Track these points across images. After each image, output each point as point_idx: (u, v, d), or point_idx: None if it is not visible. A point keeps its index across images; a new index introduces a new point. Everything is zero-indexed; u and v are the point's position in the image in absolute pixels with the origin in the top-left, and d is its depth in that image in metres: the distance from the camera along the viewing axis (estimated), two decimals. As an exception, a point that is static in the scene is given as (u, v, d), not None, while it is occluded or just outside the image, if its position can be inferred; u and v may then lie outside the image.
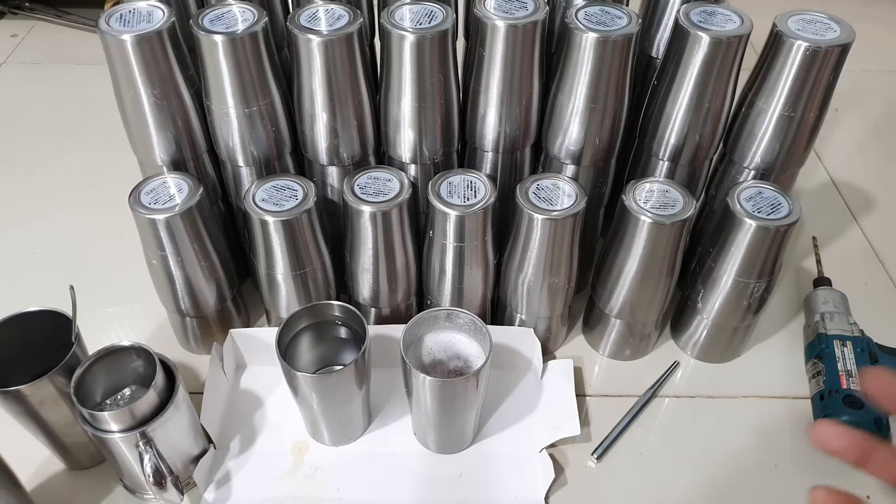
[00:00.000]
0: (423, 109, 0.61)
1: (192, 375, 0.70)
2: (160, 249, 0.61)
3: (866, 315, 0.72)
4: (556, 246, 0.61)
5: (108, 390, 0.59)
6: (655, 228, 0.60)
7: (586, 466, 0.63)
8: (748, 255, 0.61)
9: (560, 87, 0.62)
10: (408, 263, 0.66)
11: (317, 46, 0.57)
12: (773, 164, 0.65)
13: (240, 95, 0.60)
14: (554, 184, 0.62)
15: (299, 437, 0.65)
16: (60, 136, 1.01)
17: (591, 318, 0.73)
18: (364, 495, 0.61)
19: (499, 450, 0.64)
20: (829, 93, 0.61)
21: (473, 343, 0.61)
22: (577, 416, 0.63)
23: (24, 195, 0.92)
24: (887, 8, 1.32)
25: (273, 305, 0.68)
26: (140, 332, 0.75)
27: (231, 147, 0.64)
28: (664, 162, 0.68)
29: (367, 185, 0.62)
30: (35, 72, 1.15)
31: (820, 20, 0.61)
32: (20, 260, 0.83)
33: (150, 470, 0.53)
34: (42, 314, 0.58)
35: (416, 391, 0.58)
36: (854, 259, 0.84)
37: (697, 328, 0.71)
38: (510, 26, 0.58)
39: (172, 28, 0.59)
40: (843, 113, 1.08)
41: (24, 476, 0.56)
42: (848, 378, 0.64)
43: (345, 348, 0.66)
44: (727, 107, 0.64)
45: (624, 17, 0.60)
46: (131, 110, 0.61)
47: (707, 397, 0.70)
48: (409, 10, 0.60)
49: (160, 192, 0.61)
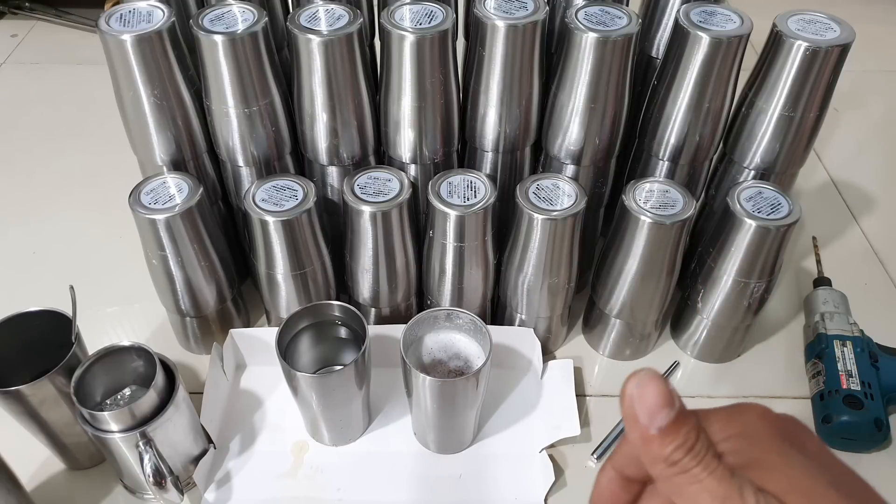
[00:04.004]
0: (423, 109, 0.61)
1: (192, 375, 0.70)
2: (160, 249, 0.61)
3: (866, 315, 0.72)
4: (556, 246, 0.61)
5: (108, 390, 0.59)
6: (655, 228, 0.60)
7: (586, 466, 0.63)
8: (748, 255, 0.61)
9: (560, 87, 0.62)
10: (408, 263, 0.66)
11: (317, 46, 0.57)
12: (773, 164, 0.65)
13: (240, 95, 0.60)
14: (554, 184, 0.62)
15: (299, 437, 0.65)
16: (60, 137, 1.01)
17: (591, 318, 0.73)
18: (364, 495, 0.61)
19: (499, 450, 0.64)
20: (829, 93, 0.61)
21: (473, 343, 0.61)
22: (577, 417, 0.63)
23: (25, 195, 0.92)
24: (887, 8, 1.32)
25: (273, 305, 0.68)
26: (140, 332, 0.75)
27: (231, 147, 0.64)
28: (664, 162, 0.68)
29: (367, 185, 0.62)
30: (35, 72, 1.15)
31: (820, 20, 0.61)
32: (20, 260, 0.83)
33: (150, 470, 0.53)
34: (42, 314, 0.58)
35: (416, 391, 0.58)
36: (854, 259, 0.84)
37: (697, 328, 0.71)
38: (510, 26, 0.58)
39: (172, 28, 0.59)
40: (843, 113, 1.08)
41: (24, 476, 0.56)
42: (848, 378, 0.64)
43: (345, 348, 0.66)
44: (727, 107, 0.64)
45: (624, 17, 0.60)
46: (131, 110, 0.61)
47: (707, 397, 0.70)
48: (409, 10, 0.60)
49: (160, 192, 0.61)
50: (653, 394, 0.25)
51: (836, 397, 0.64)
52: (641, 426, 0.26)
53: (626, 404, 0.26)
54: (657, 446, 0.26)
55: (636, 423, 0.26)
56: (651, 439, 0.26)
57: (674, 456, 0.25)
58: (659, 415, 0.25)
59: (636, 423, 0.26)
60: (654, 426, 0.25)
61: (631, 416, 0.26)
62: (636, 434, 0.26)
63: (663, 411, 0.25)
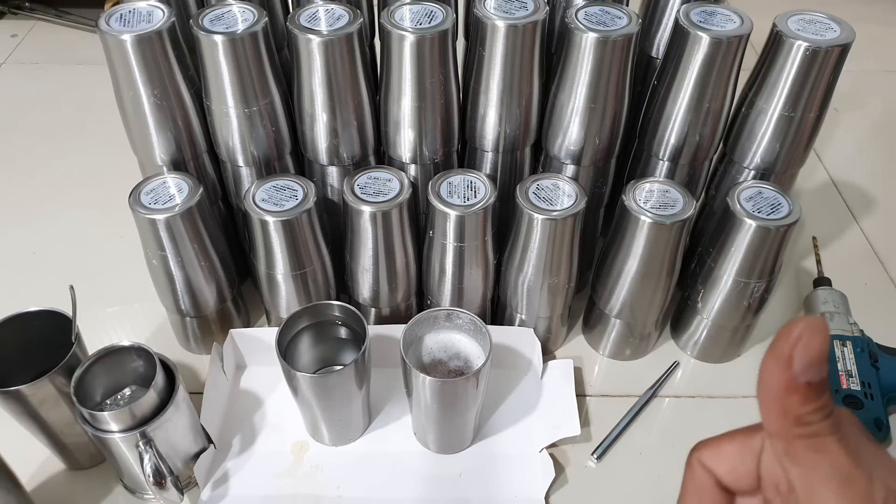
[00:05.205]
0: (423, 109, 0.61)
1: (192, 375, 0.70)
2: (160, 249, 0.61)
3: (866, 315, 0.72)
4: (556, 246, 0.61)
5: (108, 390, 0.59)
6: (655, 228, 0.60)
7: (586, 466, 0.63)
8: (748, 255, 0.61)
9: (560, 87, 0.62)
10: (408, 263, 0.66)
11: (317, 46, 0.57)
12: (773, 164, 0.65)
13: (240, 95, 0.60)
14: (554, 184, 0.62)
15: (299, 436, 0.65)
16: (60, 137, 1.01)
17: (591, 318, 0.73)
18: (364, 495, 0.61)
19: (499, 450, 0.64)
20: (829, 93, 0.61)
21: (473, 343, 0.61)
22: (577, 416, 0.63)
23: (25, 195, 0.92)
24: (887, 8, 1.32)
25: (273, 305, 0.68)
26: (140, 332, 0.75)
27: (231, 147, 0.64)
28: (664, 162, 0.68)
29: (367, 185, 0.62)
30: (35, 72, 1.15)
31: (820, 20, 0.61)
32: (20, 260, 0.83)
33: (150, 470, 0.53)
34: (42, 314, 0.58)
35: (416, 391, 0.58)
36: (854, 259, 0.84)
37: (697, 328, 0.71)
38: (510, 26, 0.58)
39: (172, 28, 0.59)
40: (843, 113, 1.08)
41: (24, 476, 0.56)
42: (848, 378, 0.64)
43: (345, 348, 0.66)
44: (727, 107, 0.64)
45: (624, 17, 0.60)
46: (131, 110, 0.61)
47: (707, 397, 0.70)
48: (409, 10, 0.60)
49: (160, 192, 0.61)
50: (820, 343, 0.23)
51: (836, 397, 0.64)
52: (792, 373, 0.23)
53: (786, 345, 0.23)
54: (799, 400, 0.23)
55: (788, 367, 0.23)
56: (796, 389, 0.23)
57: (810, 417, 0.24)
58: (816, 367, 0.23)
59: (787, 368, 0.23)
60: (806, 376, 0.23)
61: (784, 358, 0.23)
62: (781, 379, 0.23)
63: (821, 365, 0.23)
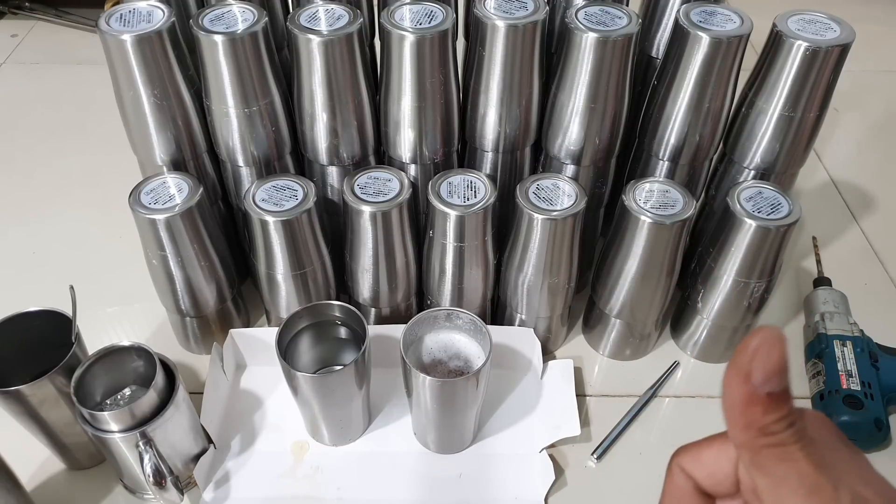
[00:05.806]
0: (423, 109, 0.61)
1: (192, 375, 0.70)
2: (160, 249, 0.61)
3: (866, 315, 0.72)
4: (556, 246, 0.61)
5: (108, 390, 0.59)
6: (655, 228, 0.60)
7: (586, 466, 0.63)
8: (748, 255, 0.61)
9: (560, 87, 0.62)
10: (408, 263, 0.66)
11: (317, 46, 0.57)
12: (773, 164, 0.65)
13: (240, 95, 0.60)
14: (554, 184, 0.62)
15: (299, 437, 0.65)
16: (60, 137, 1.01)
17: (591, 318, 0.73)
18: (364, 495, 0.61)
19: (499, 450, 0.64)
20: (829, 93, 0.61)
21: (473, 343, 0.61)
22: (577, 417, 0.63)
23: (25, 195, 0.92)
24: (887, 8, 1.32)
25: (273, 305, 0.68)
26: (140, 332, 0.75)
27: (231, 147, 0.64)
28: (664, 162, 0.68)
29: (367, 185, 0.62)
30: (35, 72, 1.15)
31: (820, 20, 0.61)
32: (20, 260, 0.83)
33: (150, 470, 0.53)
34: (42, 314, 0.58)
35: (416, 391, 0.58)
36: (854, 259, 0.84)
37: (697, 328, 0.71)
38: (510, 26, 0.58)
39: (172, 28, 0.59)
40: (843, 113, 1.08)
41: (24, 476, 0.56)
42: (848, 378, 0.64)
43: (345, 348, 0.66)
44: (727, 107, 0.64)
45: (624, 17, 0.60)
46: (131, 110, 0.61)
47: (707, 397, 0.70)
48: (409, 10, 0.60)
49: (160, 192, 0.61)
50: (778, 355, 0.24)
51: (836, 397, 0.64)
52: (752, 385, 0.24)
53: (744, 358, 0.24)
54: (761, 411, 0.24)
55: (747, 379, 0.24)
56: (757, 401, 0.24)
57: (774, 427, 0.24)
58: (776, 378, 0.24)
59: (746, 380, 0.24)
60: (766, 387, 0.24)
61: (744, 371, 0.24)
62: (741, 392, 0.24)
63: (780, 375, 0.24)
